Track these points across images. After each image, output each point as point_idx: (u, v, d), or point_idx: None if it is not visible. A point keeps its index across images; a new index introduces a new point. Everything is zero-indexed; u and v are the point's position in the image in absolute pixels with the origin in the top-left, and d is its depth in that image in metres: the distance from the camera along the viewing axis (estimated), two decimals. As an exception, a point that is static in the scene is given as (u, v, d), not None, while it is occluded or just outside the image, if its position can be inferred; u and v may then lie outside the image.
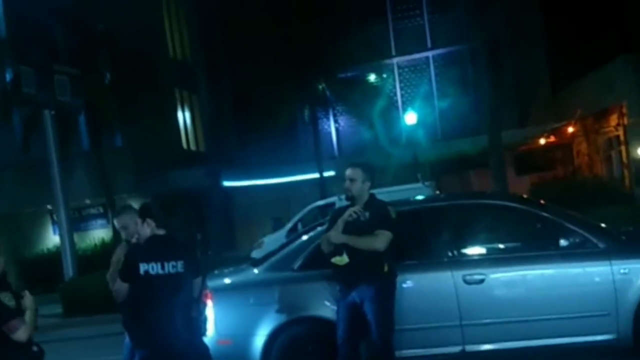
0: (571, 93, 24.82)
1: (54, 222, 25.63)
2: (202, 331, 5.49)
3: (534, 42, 26.63)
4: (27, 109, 21.48)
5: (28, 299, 4.71)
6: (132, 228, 6.06)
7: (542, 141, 25.13)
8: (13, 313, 4.56)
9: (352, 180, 6.04)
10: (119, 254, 6.05)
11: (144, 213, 5.36)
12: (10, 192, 26.26)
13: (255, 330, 6.43)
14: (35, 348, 4.71)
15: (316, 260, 6.36)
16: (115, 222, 6.25)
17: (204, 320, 5.58)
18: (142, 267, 5.08)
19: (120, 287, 5.21)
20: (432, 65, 28.56)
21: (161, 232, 5.29)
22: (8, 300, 4.63)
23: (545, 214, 6.70)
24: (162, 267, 5.11)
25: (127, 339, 6.26)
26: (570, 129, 24.37)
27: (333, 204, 17.06)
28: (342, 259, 5.88)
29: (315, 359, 6.39)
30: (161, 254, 5.15)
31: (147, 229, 5.31)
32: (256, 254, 16.21)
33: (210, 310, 6.16)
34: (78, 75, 17.78)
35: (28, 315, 4.63)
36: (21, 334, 4.54)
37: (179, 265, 5.15)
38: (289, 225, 19.54)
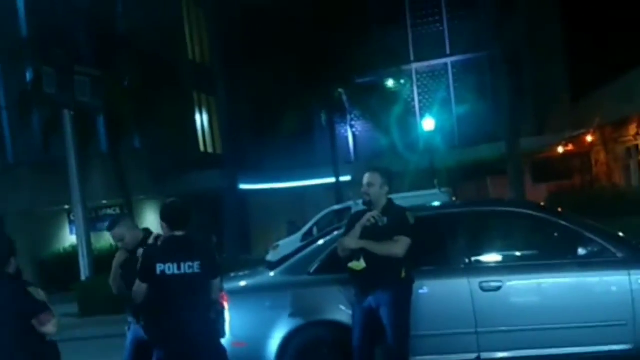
0: (590, 101, 24.67)
1: (71, 222, 25.79)
2: (220, 333, 5.50)
3: (554, 49, 26.50)
4: (47, 109, 21.62)
5: (43, 297, 4.79)
6: (129, 238, 6.09)
7: (560, 149, 25.01)
8: (44, 306, 4.63)
9: (370, 184, 6.03)
10: (119, 259, 6.11)
11: (160, 215, 5.45)
12: (29, 191, 26.44)
13: (271, 333, 6.44)
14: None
15: (332, 265, 6.37)
16: (111, 235, 6.25)
17: (222, 322, 5.59)
18: (159, 268, 5.12)
19: (138, 288, 5.26)
20: (450, 72, 28.50)
21: (179, 233, 5.32)
22: (37, 294, 4.70)
23: (563, 222, 6.67)
24: (178, 267, 5.14)
25: (128, 339, 6.30)
26: (589, 138, 24.24)
27: (349, 208, 17.07)
28: (359, 264, 5.87)
29: (331, 363, 6.39)
30: (177, 254, 5.18)
31: (165, 231, 5.37)
32: (271, 257, 16.24)
33: (226, 313, 6.18)
34: (98, 76, 17.88)
35: None
36: (51, 328, 4.62)
37: (196, 266, 5.18)
38: (305, 229, 19.56)
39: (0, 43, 26.92)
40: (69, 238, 26.18)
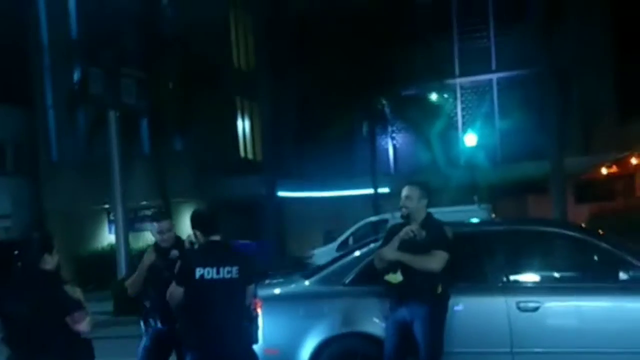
0: (638, 123, 24.23)
1: (110, 221, 26.12)
2: (253, 339, 5.50)
3: (603, 67, 26.06)
4: (93, 110, 21.96)
5: (79, 294, 4.84)
6: (171, 235, 6.14)
7: (605, 170, 24.59)
8: (79, 304, 4.68)
9: (408, 197, 6.01)
10: (149, 259, 6.08)
11: (192, 222, 5.46)
12: (70, 189, 26.86)
13: (303, 341, 6.43)
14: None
15: (368, 276, 6.34)
16: (154, 227, 6.25)
17: (255, 329, 5.59)
18: (198, 272, 5.13)
19: (175, 291, 5.26)
20: (495, 88, 28.24)
21: (217, 237, 5.34)
22: (72, 292, 4.75)
23: (605, 245, 6.53)
24: (217, 272, 5.15)
25: (142, 343, 6.28)
26: (634, 161, 23.79)
27: (386, 220, 16.99)
28: (396, 277, 5.84)
29: (362, 375, 6.34)
30: (217, 259, 5.20)
31: (199, 238, 5.39)
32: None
33: (259, 319, 6.18)
34: (144, 78, 18.11)
35: None
36: (85, 326, 4.66)
37: (234, 271, 5.19)
38: (341, 239, 19.55)
39: (51, 43, 27.53)
40: (108, 237, 26.53)
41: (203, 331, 5.16)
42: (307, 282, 6.91)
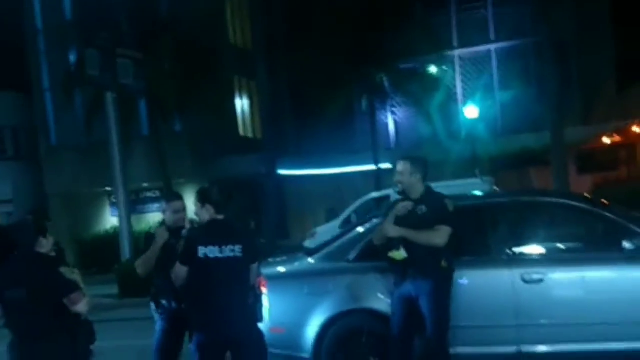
0: (638, 91, 24.12)
1: (112, 204, 26.14)
2: (258, 317, 5.49)
3: (602, 37, 25.92)
4: (90, 91, 21.85)
5: (77, 276, 4.86)
6: (183, 214, 6.13)
7: (607, 140, 24.51)
8: (75, 286, 4.69)
9: (401, 173, 6.00)
10: (162, 239, 6.05)
11: (203, 198, 5.37)
12: (71, 172, 26.86)
13: (309, 319, 6.44)
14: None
15: (372, 252, 6.31)
16: (168, 207, 6.25)
17: (260, 307, 5.58)
18: (201, 251, 5.11)
19: (179, 271, 5.24)
20: (494, 59, 28.07)
21: (220, 216, 5.31)
22: (70, 274, 4.75)
23: (609, 215, 6.49)
24: (221, 251, 5.13)
25: (158, 326, 6.26)
26: (636, 129, 23.71)
27: (388, 196, 16.89)
28: (400, 254, 5.81)
29: (368, 351, 6.35)
30: (220, 237, 5.18)
31: (206, 214, 5.34)
32: (309, 243, 16.21)
33: (264, 298, 6.17)
34: (141, 59, 17.99)
35: None
36: (83, 307, 4.69)
37: (237, 250, 5.17)
38: (343, 216, 19.47)
39: (45, 25, 27.36)
40: (110, 220, 26.55)
41: (208, 310, 5.14)
42: (311, 260, 6.89)
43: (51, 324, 4.68)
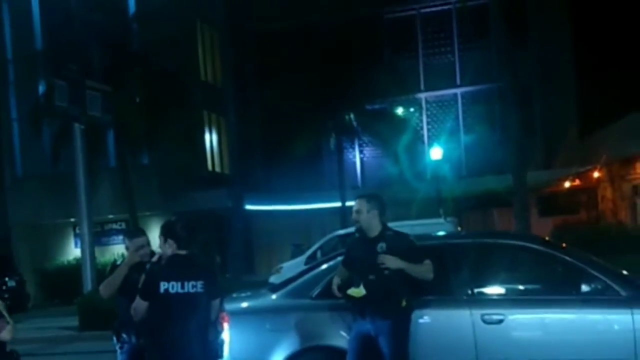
0: (599, 137, 24.67)
1: (76, 235, 25.83)
2: (218, 354, 5.49)
3: (565, 84, 26.58)
4: (58, 122, 21.73)
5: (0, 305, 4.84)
6: (146, 250, 6.16)
7: (567, 184, 24.98)
8: None
9: (358, 212, 6.10)
10: (123, 272, 6.06)
11: (166, 233, 5.39)
12: (36, 203, 26.54)
13: (270, 356, 6.42)
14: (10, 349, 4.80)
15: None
16: (130, 243, 6.27)
17: (220, 343, 5.58)
18: (162, 286, 5.12)
19: (139, 305, 5.24)
20: (460, 102, 28.60)
21: (182, 252, 5.33)
22: None
23: (567, 258, 6.61)
24: (182, 287, 5.14)
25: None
26: (596, 174, 24.21)
27: (353, 233, 17.02)
28: (359, 291, 5.87)
29: (329, 389, 6.35)
30: (182, 273, 5.19)
31: (168, 249, 5.35)
32: (275, 279, 16.19)
33: (226, 333, 6.17)
34: (109, 91, 17.99)
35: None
36: (6, 335, 4.64)
37: (199, 286, 5.19)
38: (309, 252, 19.50)
39: (15, 55, 27.24)
40: (74, 251, 26.22)
41: (167, 346, 5.12)
42: (274, 296, 6.91)
43: None
